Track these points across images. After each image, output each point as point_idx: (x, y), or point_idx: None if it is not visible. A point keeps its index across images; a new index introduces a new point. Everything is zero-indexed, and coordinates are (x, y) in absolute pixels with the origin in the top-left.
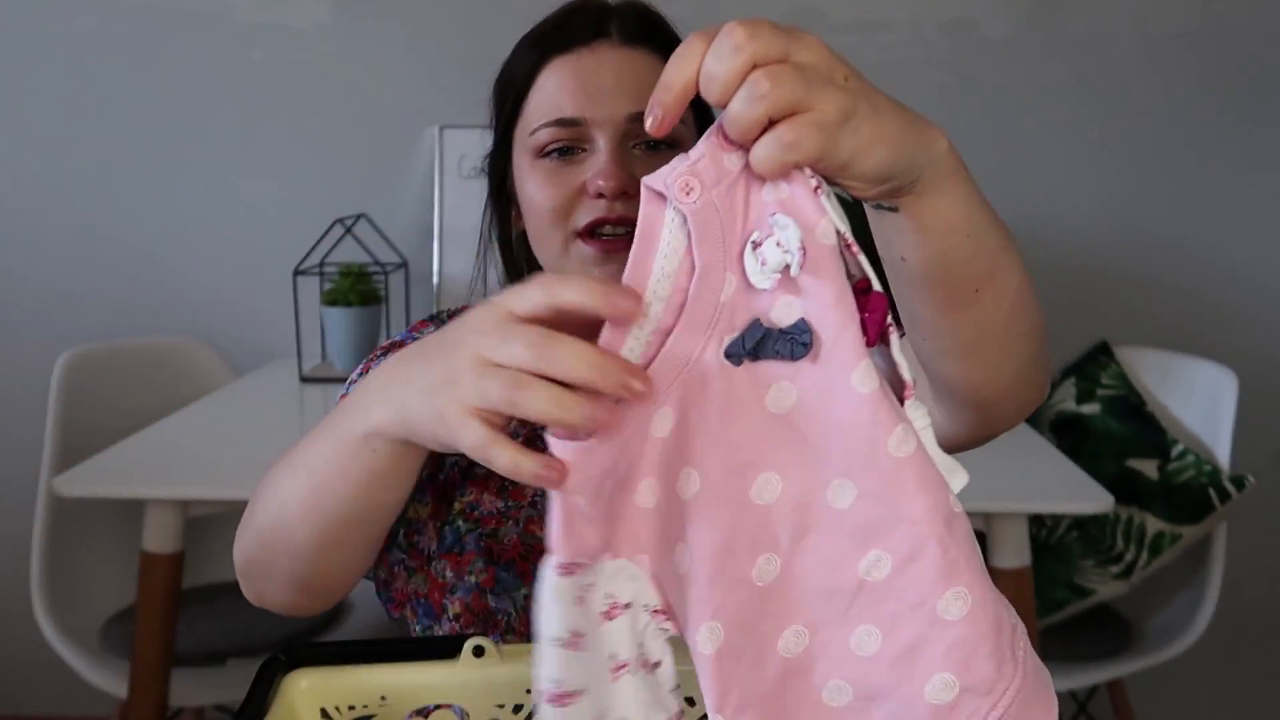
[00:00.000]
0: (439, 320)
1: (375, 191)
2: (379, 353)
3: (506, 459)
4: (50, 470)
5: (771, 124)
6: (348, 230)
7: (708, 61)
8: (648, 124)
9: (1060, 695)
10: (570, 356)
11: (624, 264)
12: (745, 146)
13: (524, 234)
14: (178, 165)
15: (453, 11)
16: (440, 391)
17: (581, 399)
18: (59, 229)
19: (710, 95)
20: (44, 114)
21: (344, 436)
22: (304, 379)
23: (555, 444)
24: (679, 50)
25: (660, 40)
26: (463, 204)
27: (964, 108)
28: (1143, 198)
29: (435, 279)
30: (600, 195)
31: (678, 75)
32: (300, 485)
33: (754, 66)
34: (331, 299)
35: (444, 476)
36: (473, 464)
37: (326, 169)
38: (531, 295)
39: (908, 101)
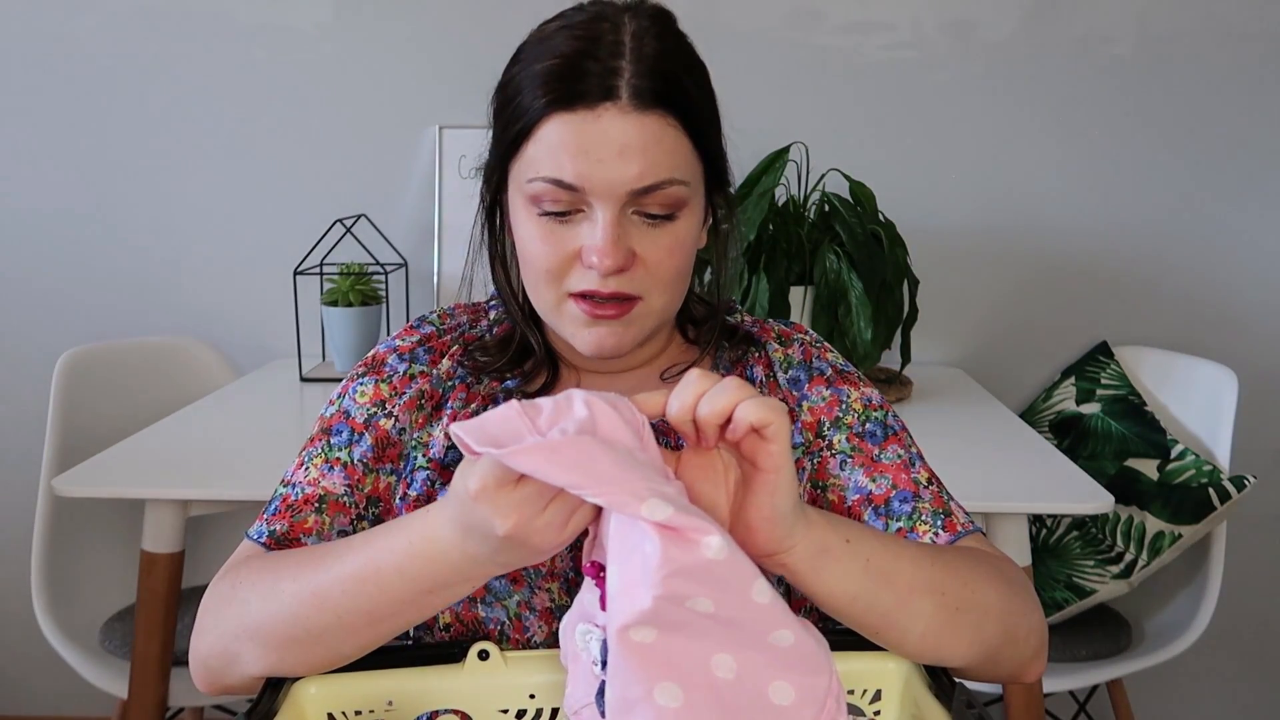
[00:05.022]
0: (422, 326)
1: (375, 191)
2: (361, 369)
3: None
4: (50, 470)
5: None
6: (348, 230)
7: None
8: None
9: (1060, 695)
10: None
11: (614, 329)
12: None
13: (514, 247)
14: (178, 165)
15: (453, 11)
16: (532, 554)
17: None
18: (59, 229)
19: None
20: (43, 114)
21: (448, 574)
22: (304, 379)
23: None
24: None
25: (675, 99)
26: (463, 204)
27: (964, 108)
28: (1143, 198)
29: (435, 279)
30: (594, 268)
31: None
32: (366, 599)
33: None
34: (331, 299)
35: (429, 490)
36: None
37: (326, 169)
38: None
39: (908, 101)
